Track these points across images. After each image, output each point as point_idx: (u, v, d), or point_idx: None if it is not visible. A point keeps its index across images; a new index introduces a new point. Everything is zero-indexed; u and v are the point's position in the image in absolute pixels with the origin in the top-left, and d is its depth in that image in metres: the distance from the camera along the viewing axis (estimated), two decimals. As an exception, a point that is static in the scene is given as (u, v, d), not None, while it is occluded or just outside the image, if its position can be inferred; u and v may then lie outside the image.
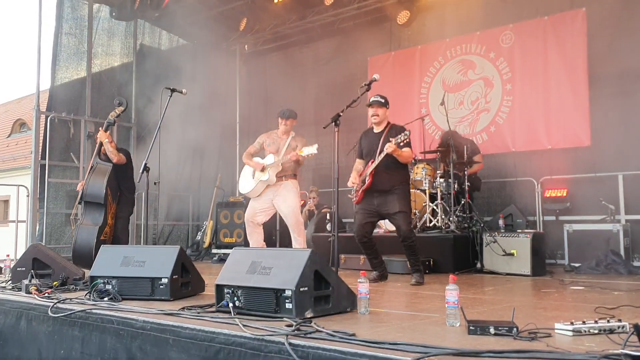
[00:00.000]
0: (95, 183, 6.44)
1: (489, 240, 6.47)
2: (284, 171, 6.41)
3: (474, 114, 9.07)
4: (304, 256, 3.34)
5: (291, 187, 6.41)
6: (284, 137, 6.56)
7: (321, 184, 10.11)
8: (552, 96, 8.33)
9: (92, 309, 3.71)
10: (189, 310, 3.54)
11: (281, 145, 6.51)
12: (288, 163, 6.34)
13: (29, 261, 4.99)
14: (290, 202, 6.35)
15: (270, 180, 6.37)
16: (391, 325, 3.11)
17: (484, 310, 3.74)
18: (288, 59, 11.65)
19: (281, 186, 6.40)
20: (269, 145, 6.57)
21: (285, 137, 6.55)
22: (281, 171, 6.40)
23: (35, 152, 9.01)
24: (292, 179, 6.45)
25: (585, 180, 7.83)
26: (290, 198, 6.36)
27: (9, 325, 4.25)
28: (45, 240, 8.82)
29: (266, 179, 6.38)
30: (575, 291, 4.98)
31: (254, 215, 6.50)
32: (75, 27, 9.82)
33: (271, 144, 6.56)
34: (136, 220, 9.80)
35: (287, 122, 6.53)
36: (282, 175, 6.41)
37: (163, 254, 4.35)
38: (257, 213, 6.48)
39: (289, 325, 2.96)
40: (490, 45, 9.03)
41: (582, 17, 8.10)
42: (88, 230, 6.36)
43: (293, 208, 6.35)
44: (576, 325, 2.78)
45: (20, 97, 26.16)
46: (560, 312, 3.76)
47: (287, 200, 6.36)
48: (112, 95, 10.10)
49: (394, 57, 10.18)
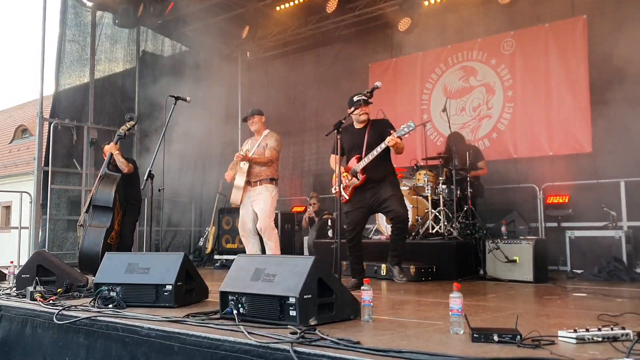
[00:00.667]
0: (105, 189, 6.56)
1: (491, 247, 6.48)
2: (257, 175, 6.30)
3: (476, 120, 9.10)
4: (308, 263, 3.35)
5: (264, 190, 6.27)
6: (258, 137, 6.49)
7: (322, 191, 10.13)
8: (553, 103, 8.36)
9: (97, 316, 3.72)
10: (193, 318, 3.55)
11: (254, 145, 6.45)
12: (258, 166, 6.25)
13: (33, 268, 5.01)
14: (262, 206, 6.22)
15: (238, 185, 6.29)
16: (395, 333, 3.12)
17: (488, 318, 3.75)
18: (290, 66, 11.70)
19: (256, 192, 6.30)
20: (248, 149, 6.51)
21: (259, 137, 6.48)
22: (255, 175, 6.29)
23: (38, 159, 9.04)
24: (267, 183, 6.30)
25: (587, 186, 7.85)
26: (261, 201, 6.23)
27: (14, 332, 4.26)
28: (47, 246, 8.84)
29: (237, 183, 6.31)
30: (578, 298, 4.98)
31: (244, 225, 6.43)
32: (78, 34, 9.87)
33: (249, 148, 6.50)
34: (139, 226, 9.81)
35: (254, 120, 6.44)
36: (257, 179, 6.30)
37: (167, 260, 4.36)
38: (246, 221, 6.40)
39: (294, 332, 2.97)
40: (491, 52, 9.06)
41: (583, 25, 8.15)
42: (96, 232, 6.42)
43: (262, 211, 6.21)
44: (579, 332, 2.79)
45: (22, 103, 26.24)
46: (563, 319, 3.77)
47: (258, 204, 6.24)
48: (114, 101, 10.15)
49: (396, 63, 10.22)
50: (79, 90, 9.84)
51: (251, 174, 6.28)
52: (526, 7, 8.66)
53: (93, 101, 9.82)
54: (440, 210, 7.34)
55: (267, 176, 6.31)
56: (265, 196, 6.24)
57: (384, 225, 7.70)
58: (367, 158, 5.36)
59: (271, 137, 6.41)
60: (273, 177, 6.37)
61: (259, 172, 6.28)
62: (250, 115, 6.50)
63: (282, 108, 11.25)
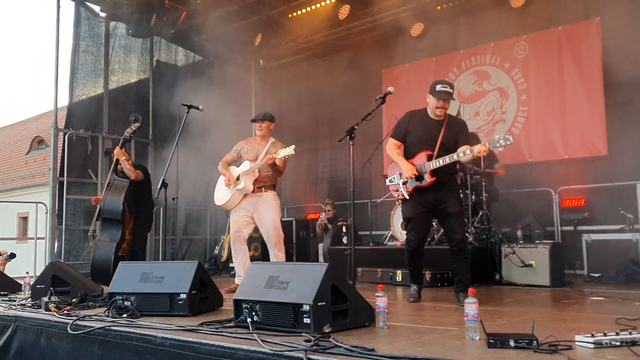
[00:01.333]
0: (113, 199, 6.49)
1: (507, 252, 6.42)
2: (262, 181, 6.03)
3: (490, 124, 9.05)
4: (321, 270, 3.33)
5: (272, 199, 6.04)
6: (263, 143, 6.16)
7: (336, 197, 10.11)
8: (567, 106, 8.29)
9: (111, 326, 3.73)
10: (207, 326, 3.54)
11: (260, 151, 6.10)
12: (265, 171, 5.98)
13: (48, 278, 5.03)
14: (272, 217, 5.97)
15: (246, 189, 5.97)
16: (410, 340, 3.09)
17: (504, 323, 3.71)
18: (303, 73, 11.72)
19: (260, 198, 6.02)
20: (247, 152, 6.19)
21: (265, 143, 6.15)
22: (259, 180, 6.02)
23: (53, 169, 9.12)
24: (271, 190, 6.08)
25: (603, 189, 7.77)
26: (271, 212, 5.98)
27: (29, 343, 4.28)
28: (64, 256, 8.90)
29: (242, 188, 5.96)
30: (596, 302, 4.93)
31: (239, 230, 6.10)
32: (92, 45, 9.96)
33: (249, 151, 6.18)
34: (154, 235, 9.87)
35: (263, 125, 6.15)
36: (261, 185, 6.03)
37: (181, 269, 4.36)
38: (242, 226, 6.09)
39: (308, 340, 2.95)
40: (504, 56, 9.02)
41: (596, 27, 8.08)
42: (106, 247, 6.41)
43: (274, 223, 5.99)
44: (597, 337, 2.75)
45: (38, 115, 26.56)
46: (581, 323, 3.72)
47: (268, 214, 5.98)
48: (129, 111, 10.21)
49: (409, 68, 10.19)
50: (94, 101, 9.92)
51: (256, 179, 6.04)
52: (539, 11, 8.61)
53: (107, 111, 9.90)
54: (455, 215, 7.27)
55: (271, 182, 6.10)
56: (273, 205, 6.02)
57: (399, 231, 7.67)
58: (442, 159, 4.71)
59: (280, 145, 6.11)
60: (275, 183, 6.21)
61: (263, 178, 6.05)
62: (261, 119, 6.20)
63: (296, 115, 11.25)
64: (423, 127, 4.91)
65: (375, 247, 7.90)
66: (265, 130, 6.18)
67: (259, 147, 6.15)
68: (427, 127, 4.89)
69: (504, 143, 4.40)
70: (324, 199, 10.69)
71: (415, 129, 4.95)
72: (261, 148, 6.13)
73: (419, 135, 4.91)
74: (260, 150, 6.11)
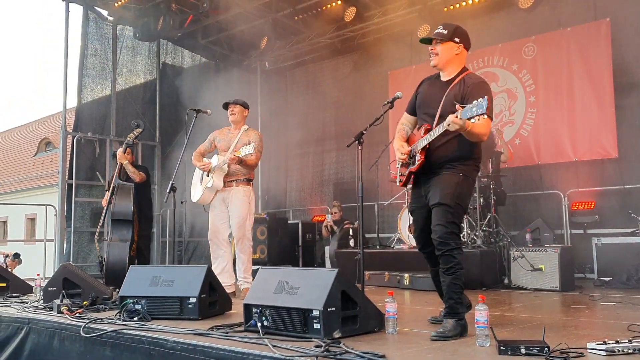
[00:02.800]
0: (122, 202, 6.54)
1: (516, 256, 6.39)
2: (234, 175, 5.65)
3: (498, 126, 9.01)
4: (331, 276, 3.33)
5: (241, 195, 5.63)
6: (235, 132, 5.78)
7: (342, 199, 10.11)
8: (577, 108, 8.26)
9: (123, 329, 3.74)
10: (217, 330, 3.55)
11: (232, 140, 5.71)
12: (235, 165, 5.58)
13: (59, 281, 5.05)
14: (239, 213, 5.58)
15: (215, 186, 5.62)
16: (420, 346, 3.08)
17: (514, 329, 3.69)
18: (309, 75, 11.74)
19: (231, 193, 5.65)
20: (220, 142, 5.81)
21: (237, 132, 5.77)
22: (230, 175, 5.64)
23: (62, 172, 9.18)
24: (243, 184, 5.68)
25: (613, 192, 7.74)
26: (238, 208, 5.59)
27: (42, 345, 4.30)
28: (72, 258, 8.94)
29: (211, 186, 5.61)
30: (606, 307, 4.89)
31: (216, 232, 5.74)
32: (100, 48, 10.01)
33: (221, 141, 5.80)
34: (161, 237, 9.90)
35: (235, 110, 5.76)
36: (233, 179, 5.65)
37: (191, 273, 4.37)
38: (219, 227, 5.73)
39: (318, 345, 2.95)
40: (512, 58, 8.99)
41: (606, 27, 8.04)
42: (119, 246, 6.45)
43: (239, 220, 5.59)
44: (609, 344, 2.74)
45: (46, 116, 26.67)
46: (592, 330, 3.70)
47: (234, 210, 5.60)
48: (136, 114, 10.26)
49: (415, 70, 10.17)
50: (101, 103, 9.98)
51: (227, 173, 5.66)
52: (547, 12, 8.59)
53: (115, 114, 9.94)
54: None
55: (243, 175, 5.69)
56: (241, 200, 5.62)
57: (406, 234, 7.66)
58: (429, 134, 3.64)
59: (253, 134, 5.74)
60: (250, 177, 5.78)
61: (235, 171, 5.64)
62: (233, 102, 5.80)
63: (302, 117, 11.27)
64: (428, 93, 3.92)
65: (382, 250, 7.89)
66: (238, 115, 5.78)
67: (231, 137, 5.78)
68: (431, 93, 3.86)
69: (476, 111, 3.20)
70: (329, 201, 10.68)
71: (421, 97, 3.98)
72: (233, 137, 5.75)
73: (423, 103, 3.92)
74: (232, 140, 5.73)
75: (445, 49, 3.82)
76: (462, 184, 3.63)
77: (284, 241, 9.53)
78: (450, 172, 3.64)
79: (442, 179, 3.64)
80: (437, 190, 3.62)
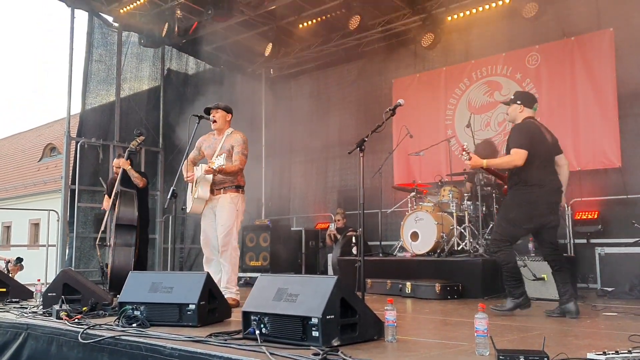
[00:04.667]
0: (127, 207, 6.60)
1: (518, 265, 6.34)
2: (221, 183, 5.49)
3: (501, 135, 9.01)
4: (330, 283, 3.32)
5: (227, 202, 5.48)
6: (220, 137, 5.60)
7: (346, 206, 10.10)
8: (580, 117, 8.25)
9: (121, 335, 3.73)
10: (216, 337, 3.53)
11: (217, 146, 5.54)
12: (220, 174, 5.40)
13: (59, 286, 5.05)
14: (224, 221, 5.44)
15: (202, 197, 5.46)
16: (419, 355, 3.06)
17: (514, 338, 3.67)
18: (313, 83, 11.76)
19: (218, 201, 5.51)
20: (206, 148, 5.65)
21: (221, 137, 5.59)
22: (217, 183, 5.49)
23: (65, 177, 9.19)
24: (231, 191, 5.50)
25: (616, 202, 7.71)
26: (224, 216, 5.45)
27: (40, 351, 4.29)
28: (74, 264, 8.94)
29: (197, 197, 5.45)
30: (608, 317, 4.86)
31: (207, 241, 5.62)
32: (105, 54, 10.05)
33: (207, 148, 5.65)
34: (163, 244, 9.90)
35: (217, 115, 5.56)
36: (221, 187, 5.50)
37: (190, 280, 4.36)
38: (210, 237, 5.60)
39: (316, 353, 2.93)
40: (516, 67, 9.00)
41: (609, 37, 8.04)
42: (124, 251, 6.48)
43: (224, 229, 5.44)
44: (609, 355, 2.72)
45: (51, 122, 26.78)
46: (593, 340, 3.67)
47: (220, 218, 5.46)
48: (139, 120, 10.29)
49: (419, 78, 10.19)
50: (105, 109, 10.00)
51: (214, 182, 5.49)
52: (551, 21, 8.59)
53: (119, 120, 9.96)
54: (466, 226, 7.25)
55: (232, 183, 5.52)
56: (228, 208, 5.46)
57: (409, 242, 7.64)
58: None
59: (236, 137, 5.55)
60: (239, 184, 5.59)
61: (223, 180, 5.49)
62: (214, 108, 5.61)
63: (306, 124, 11.28)
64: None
65: (384, 258, 7.86)
66: (220, 121, 5.59)
67: (216, 143, 5.61)
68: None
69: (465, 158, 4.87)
70: (333, 208, 10.67)
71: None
72: (217, 143, 5.59)
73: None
74: (217, 145, 5.57)
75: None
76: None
77: (286, 248, 9.51)
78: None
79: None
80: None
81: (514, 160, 4.69)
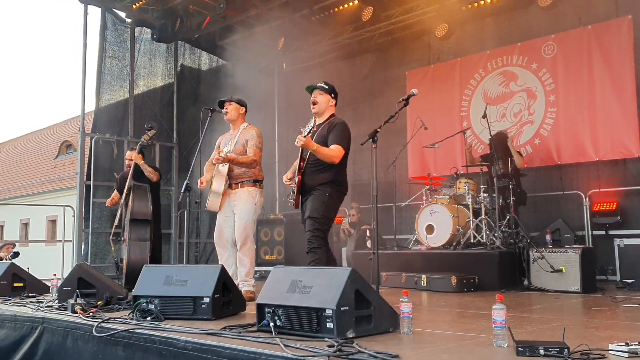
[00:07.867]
0: (141, 202, 6.61)
1: (536, 257, 6.27)
2: (239, 177, 5.48)
3: (517, 126, 8.90)
4: (345, 275, 3.28)
5: (245, 196, 5.46)
6: (234, 133, 5.59)
7: (360, 200, 10.04)
8: (597, 107, 8.10)
9: (135, 329, 3.72)
10: (230, 330, 3.51)
11: (232, 142, 5.53)
12: (236, 167, 5.42)
13: (74, 281, 5.06)
14: (241, 215, 5.42)
15: (216, 190, 5.46)
16: (436, 347, 3.01)
17: (533, 330, 3.61)
18: (326, 76, 11.58)
19: (236, 195, 5.49)
20: (224, 145, 5.59)
21: (235, 133, 5.59)
22: (235, 177, 5.48)
23: (80, 173, 9.25)
24: (249, 185, 5.48)
25: (635, 192, 7.58)
26: (241, 209, 5.43)
27: (56, 344, 4.31)
28: (90, 259, 8.99)
29: (212, 189, 5.47)
30: (629, 309, 4.77)
31: (221, 234, 5.60)
32: (118, 50, 10.08)
33: (224, 144, 5.59)
34: (179, 238, 9.91)
35: (229, 108, 5.57)
36: (238, 181, 5.48)
37: (205, 273, 4.35)
38: (224, 230, 5.58)
39: (331, 345, 2.90)
40: (532, 56, 8.86)
41: (628, 25, 7.89)
42: (140, 246, 6.50)
43: (242, 222, 5.42)
44: (632, 346, 2.65)
45: (67, 119, 27.02)
46: (614, 331, 3.59)
47: (238, 212, 5.44)
48: (153, 115, 10.31)
49: (433, 70, 10.09)
50: (119, 105, 10.04)
51: (231, 176, 5.48)
52: (567, 10, 8.43)
53: (133, 115, 9.99)
54: (482, 219, 7.17)
55: (249, 177, 5.50)
56: (246, 202, 5.45)
57: (424, 235, 7.58)
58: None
59: (251, 132, 5.53)
60: (257, 178, 5.55)
61: (240, 174, 5.48)
62: (227, 100, 5.60)
63: (319, 118, 11.21)
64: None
65: (399, 252, 7.81)
66: (231, 113, 5.59)
67: (231, 138, 5.60)
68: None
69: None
70: (347, 202, 10.60)
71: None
72: (233, 138, 5.57)
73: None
74: (232, 140, 5.57)
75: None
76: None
77: (301, 242, 9.42)
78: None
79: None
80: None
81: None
